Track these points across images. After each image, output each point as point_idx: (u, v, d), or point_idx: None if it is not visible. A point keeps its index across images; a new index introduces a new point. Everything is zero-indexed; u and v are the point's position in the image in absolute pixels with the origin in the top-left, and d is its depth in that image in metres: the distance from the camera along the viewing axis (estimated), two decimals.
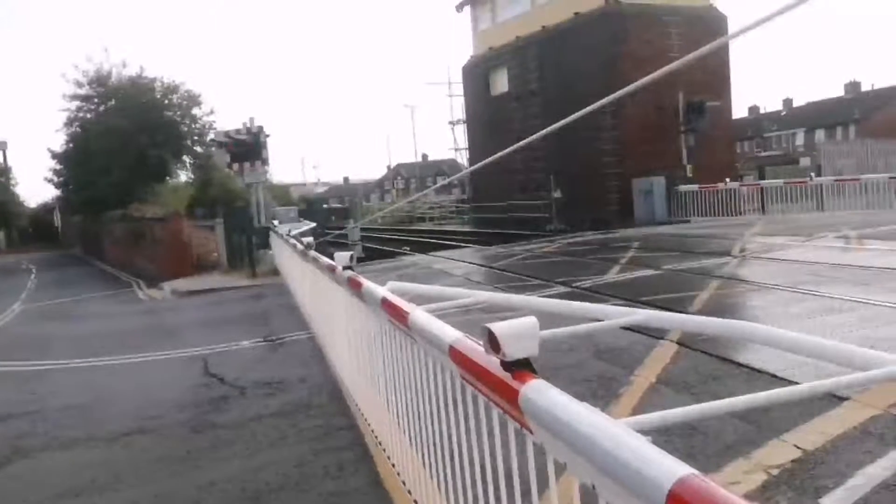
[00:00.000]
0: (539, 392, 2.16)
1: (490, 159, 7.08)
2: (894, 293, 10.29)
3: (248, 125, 24.98)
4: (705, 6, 32.11)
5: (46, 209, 73.81)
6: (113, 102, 45.54)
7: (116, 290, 28.12)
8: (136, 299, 24.33)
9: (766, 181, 30.32)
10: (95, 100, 46.91)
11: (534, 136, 6.21)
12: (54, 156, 50.51)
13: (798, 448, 5.27)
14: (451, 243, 32.97)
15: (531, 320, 2.35)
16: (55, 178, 52.60)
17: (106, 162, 42.39)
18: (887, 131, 56.87)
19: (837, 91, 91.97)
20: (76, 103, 47.38)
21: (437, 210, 64.99)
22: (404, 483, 4.87)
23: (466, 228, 44.75)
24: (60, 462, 7.27)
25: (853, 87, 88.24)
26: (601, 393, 7.09)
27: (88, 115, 47.18)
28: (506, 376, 2.35)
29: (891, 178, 25.19)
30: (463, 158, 51.81)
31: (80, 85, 46.70)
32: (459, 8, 42.11)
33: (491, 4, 39.75)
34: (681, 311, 9.60)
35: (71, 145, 48.49)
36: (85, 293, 27.12)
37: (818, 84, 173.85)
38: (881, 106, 77.74)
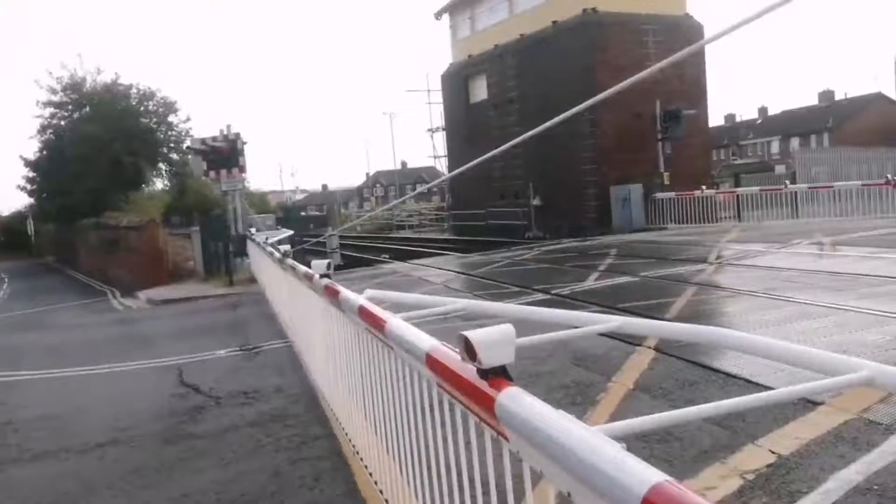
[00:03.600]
0: (515, 400, 2.16)
1: (468, 165, 7.08)
2: (867, 299, 10.38)
3: (225, 132, 24.86)
4: (682, 15, 32.34)
5: (19, 217, 73.07)
6: (87, 109, 45.28)
7: (91, 299, 27.93)
8: (111, 308, 24.17)
9: (742, 188, 30.53)
10: (69, 106, 46.62)
11: (511, 143, 6.22)
12: (27, 163, 50.11)
13: (773, 453, 5.30)
14: (430, 251, 32.97)
15: (507, 328, 2.35)
16: (28, 186, 52.23)
17: (80, 169, 42.09)
18: (860, 139, 57.53)
19: (812, 99, 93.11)
20: (50, 110, 47.10)
21: (416, 217, 65.04)
22: (382, 492, 4.85)
23: (445, 236, 44.80)
24: (32, 474, 7.18)
25: (827, 95, 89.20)
26: (579, 400, 7.10)
27: (62, 122, 46.88)
28: (482, 384, 2.35)
29: (863, 185, 25.43)
30: (442, 166, 51.83)
31: (53, 91, 46.43)
32: (438, 16, 42.19)
33: (470, 12, 39.86)
34: (657, 318, 9.68)
35: (44, 153, 48.13)
36: (58, 302, 26.93)
37: (793, 93, 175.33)
38: (854, 114, 78.70)
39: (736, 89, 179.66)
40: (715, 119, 72.22)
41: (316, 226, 47.94)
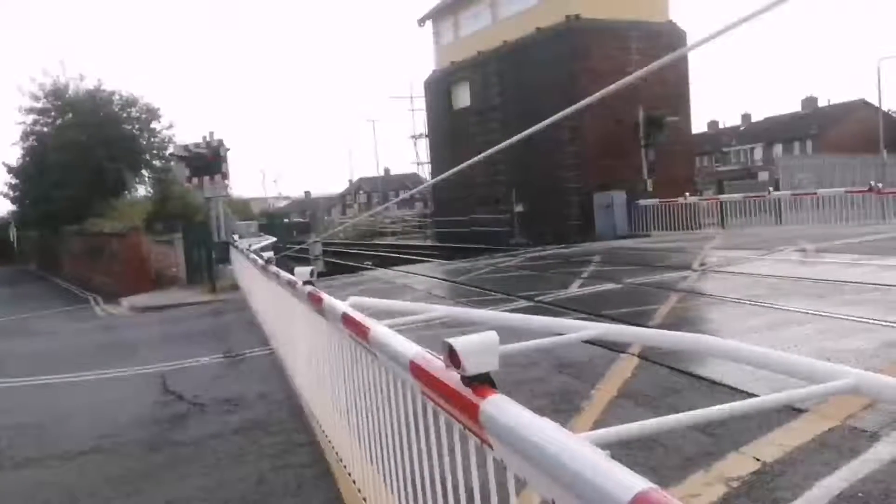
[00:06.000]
0: (499, 407, 2.15)
1: (451, 172, 7.07)
2: (851, 306, 10.43)
3: (208, 139, 24.74)
4: (665, 22, 32.45)
5: (2, 224, 72.56)
6: (70, 116, 45.02)
7: (73, 305, 27.75)
8: (94, 315, 24.01)
9: (725, 195, 30.67)
10: (52, 113, 46.33)
11: (493, 149, 6.21)
12: (10, 170, 49.74)
13: (757, 460, 5.31)
14: (413, 258, 32.97)
15: (491, 335, 2.34)
16: (11, 193, 51.80)
17: (63, 176, 41.83)
18: (843, 146, 57.95)
19: (794, 106, 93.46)
20: (32, 116, 46.78)
21: (399, 224, 65.01)
22: (365, 500, 4.83)
23: (429, 243, 44.78)
24: (14, 483, 7.12)
25: (810, 102, 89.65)
26: (563, 407, 7.10)
27: (45, 129, 46.58)
28: (466, 391, 2.34)
29: (847, 191, 25.58)
30: (425, 173, 52.00)
31: (36, 98, 46.12)
32: (421, 22, 42.20)
33: (453, 19, 39.88)
34: (641, 325, 9.69)
35: (27, 159, 47.81)
36: (41, 309, 26.74)
37: (776, 99, 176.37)
38: (837, 121, 79.08)
39: (719, 96, 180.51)
40: (698, 126, 72.45)
41: (299, 232, 47.88)
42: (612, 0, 31.20)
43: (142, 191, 46.55)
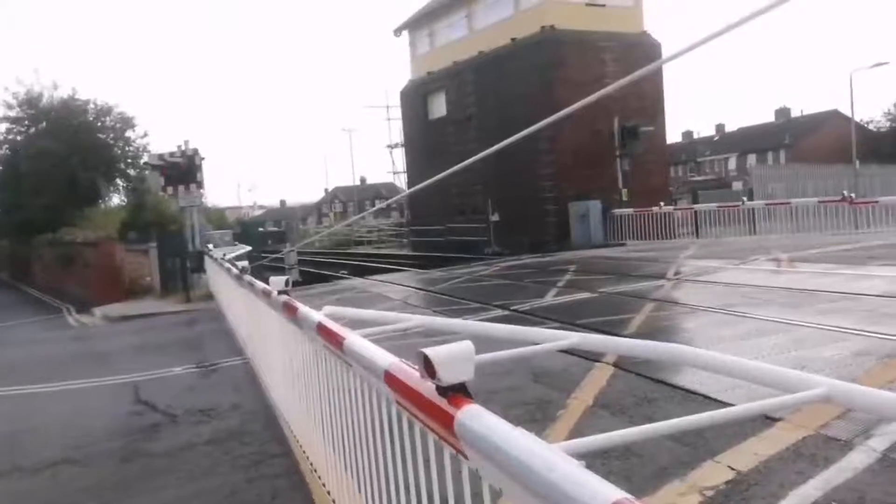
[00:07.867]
0: (474, 417, 2.14)
1: (428, 182, 7.06)
2: (824, 315, 10.50)
3: (183, 148, 24.64)
4: (639, 33, 32.66)
5: None
6: (44, 125, 44.76)
7: (46, 315, 27.53)
8: (66, 325, 23.83)
9: (700, 205, 30.82)
10: (26, 122, 46.08)
11: (471, 160, 6.21)
12: None
13: (732, 469, 5.32)
14: (389, 267, 32.92)
15: (466, 344, 2.33)
16: None
17: (36, 185, 41.59)
18: (816, 156, 58.49)
19: (768, 117, 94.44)
20: (6, 125, 46.60)
21: (375, 233, 64.92)
22: None
23: (405, 252, 44.72)
24: None
25: (783, 112, 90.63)
26: (538, 416, 7.09)
27: (18, 138, 46.32)
28: (441, 401, 2.32)
29: (820, 201, 25.80)
30: (401, 182, 51.87)
31: (9, 107, 45.93)
32: (397, 32, 42.25)
33: (429, 29, 39.97)
34: (617, 334, 9.70)
35: (0, 168, 47.50)
36: (13, 319, 26.50)
37: (750, 110, 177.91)
38: (810, 131, 79.99)
39: (693, 106, 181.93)
40: (672, 136, 72.78)
41: (274, 242, 47.66)
42: (587, 12, 31.43)
43: (116, 200, 46.37)
